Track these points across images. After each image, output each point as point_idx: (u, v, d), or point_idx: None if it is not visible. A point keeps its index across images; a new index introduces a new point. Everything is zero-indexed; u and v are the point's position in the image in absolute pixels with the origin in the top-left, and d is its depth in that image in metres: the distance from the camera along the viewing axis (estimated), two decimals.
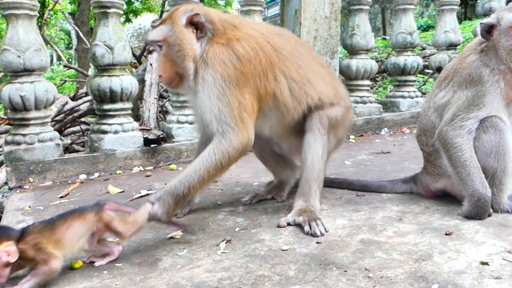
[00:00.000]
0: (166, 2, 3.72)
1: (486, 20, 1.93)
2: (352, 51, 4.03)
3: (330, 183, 2.45)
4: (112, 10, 3.00)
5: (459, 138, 1.88)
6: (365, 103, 4.02)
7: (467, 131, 1.88)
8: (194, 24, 1.81)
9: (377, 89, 8.33)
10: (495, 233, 1.69)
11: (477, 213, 1.82)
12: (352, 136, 3.82)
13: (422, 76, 8.00)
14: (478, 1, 4.88)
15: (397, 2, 4.20)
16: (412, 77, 4.26)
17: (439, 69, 4.44)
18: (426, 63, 5.35)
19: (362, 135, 3.92)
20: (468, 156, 1.86)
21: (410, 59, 4.17)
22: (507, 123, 1.90)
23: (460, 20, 9.16)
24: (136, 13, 16.03)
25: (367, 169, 2.77)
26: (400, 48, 4.22)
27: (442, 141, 1.94)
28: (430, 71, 5.45)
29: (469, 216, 1.84)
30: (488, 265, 1.45)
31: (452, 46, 4.36)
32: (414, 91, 4.28)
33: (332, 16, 3.74)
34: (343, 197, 2.23)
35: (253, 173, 2.78)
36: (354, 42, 3.99)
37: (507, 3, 4.78)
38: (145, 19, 18.11)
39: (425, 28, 15.13)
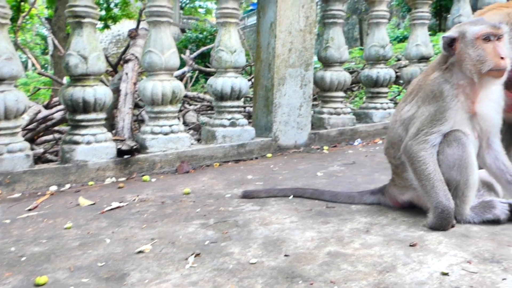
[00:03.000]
0: (143, 12, 3.72)
1: (448, 33, 2.00)
2: (327, 63, 4.10)
3: (302, 194, 2.50)
4: (86, 20, 3.00)
5: (423, 152, 1.94)
6: (339, 114, 4.09)
7: (430, 145, 1.94)
8: None
9: (353, 99, 8.45)
10: (457, 244, 1.74)
11: (441, 224, 1.88)
12: (325, 147, 3.87)
13: (397, 86, 8.17)
14: (448, 15, 5.01)
15: (370, 16, 4.29)
16: (384, 89, 4.34)
17: (410, 82, 4.54)
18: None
19: (335, 146, 3.98)
20: (432, 169, 1.92)
21: (383, 72, 4.26)
22: (470, 136, 1.96)
23: (434, 32, 9.38)
24: (115, 19, 15.97)
25: (339, 180, 2.82)
26: (373, 61, 4.31)
27: (407, 154, 2.00)
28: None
29: (433, 227, 1.89)
30: (448, 275, 1.49)
31: (423, 59, 4.47)
32: (387, 103, 4.36)
33: (307, 29, 3.80)
34: (314, 208, 2.26)
35: (226, 185, 2.80)
36: (328, 55, 4.06)
37: None
38: (124, 26, 18.02)
39: (401, 39, 15.44)
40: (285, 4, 3.70)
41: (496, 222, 1.92)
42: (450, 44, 1.97)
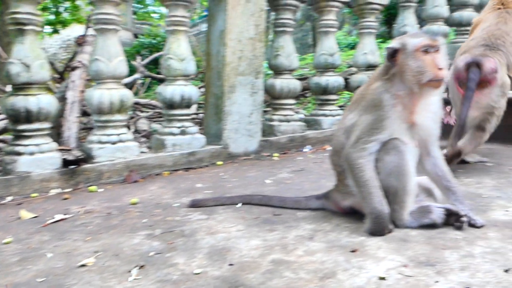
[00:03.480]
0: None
1: (391, 45, 2.08)
2: (277, 71, 4.16)
3: (250, 201, 2.52)
4: (29, 27, 2.92)
5: (361, 159, 2.01)
6: (289, 121, 4.15)
7: (368, 153, 2.02)
8: None
9: (306, 104, 8.59)
10: (395, 248, 1.81)
11: (377, 229, 1.95)
12: (276, 154, 3.92)
13: (348, 92, 8.37)
14: (394, 24, 5.21)
15: (319, 25, 4.39)
16: (333, 96, 4.45)
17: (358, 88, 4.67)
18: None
19: (286, 153, 4.04)
20: (368, 177, 1.99)
21: (332, 79, 4.36)
22: (409, 145, 2.05)
23: (385, 39, 9.69)
24: (64, 24, 15.51)
25: (287, 187, 2.86)
26: (322, 69, 4.41)
27: (347, 162, 2.06)
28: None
29: (371, 233, 1.96)
30: (385, 280, 1.55)
31: (371, 67, 4.61)
32: (336, 110, 4.47)
33: (257, 37, 3.85)
34: (261, 216, 2.29)
35: (174, 194, 2.79)
36: (278, 63, 4.12)
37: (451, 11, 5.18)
38: (74, 31, 17.54)
39: (353, 46, 15.80)
40: (235, 13, 3.73)
41: (433, 226, 2.00)
42: (393, 55, 2.05)
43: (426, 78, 1.96)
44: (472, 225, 2.00)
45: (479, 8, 5.58)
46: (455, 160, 2.93)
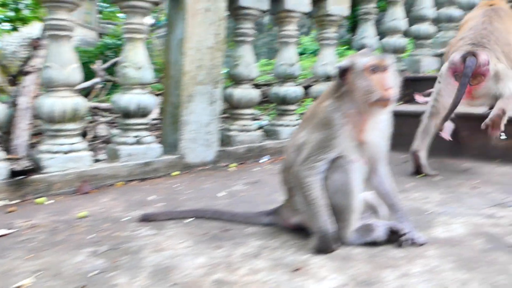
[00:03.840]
0: None
1: (341, 63, 2.11)
2: (236, 80, 4.17)
3: (203, 215, 2.52)
4: None
5: (309, 178, 2.04)
6: (247, 131, 4.16)
7: (317, 171, 2.05)
8: None
9: (269, 111, 8.64)
10: (337, 267, 1.84)
11: (322, 247, 1.98)
12: (233, 164, 3.93)
13: (311, 100, 8.47)
14: (354, 36, 5.30)
15: (279, 35, 4.43)
16: (292, 107, 4.49)
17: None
18: None
19: (243, 163, 4.05)
20: (316, 195, 2.02)
21: (291, 90, 4.41)
22: (356, 163, 2.09)
23: (350, 47, 9.86)
24: (24, 21, 15.07)
25: (241, 200, 2.87)
26: (282, 79, 4.44)
27: (296, 179, 2.09)
28: None
29: (316, 251, 1.99)
30: None
31: (330, 78, 4.68)
32: (295, 120, 4.51)
33: (216, 46, 3.85)
34: (210, 232, 2.29)
35: (126, 206, 2.75)
36: (237, 72, 4.13)
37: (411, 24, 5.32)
38: (35, 28, 17.06)
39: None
40: (194, 21, 3.72)
41: (376, 243, 2.05)
42: (343, 73, 2.08)
43: (374, 97, 1.99)
44: (414, 243, 2.06)
45: (436, 21, 5.77)
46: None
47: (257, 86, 4.90)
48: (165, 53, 3.93)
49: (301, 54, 8.51)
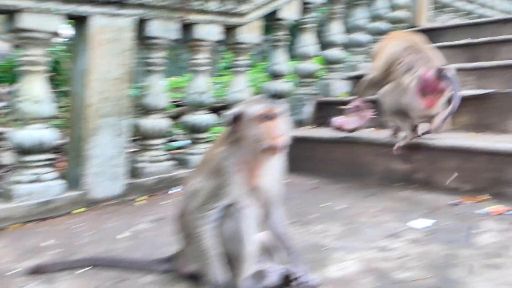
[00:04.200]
0: None
1: (233, 110, 2.12)
2: (145, 110, 4.08)
3: (100, 263, 2.42)
4: None
5: (202, 227, 2.03)
6: (158, 162, 4.08)
7: (209, 220, 2.04)
8: None
9: None
10: None
11: None
12: (141, 198, 3.84)
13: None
14: (267, 63, 5.40)
15: (191, 64, 4.40)
16: (204, 135, 4.46)
17: None
18: None
19: (153, 195, 3.96)
20: (208, 245, 2.02)
21: (202, 118, 4.38)
22: (250, 208, 2.10)
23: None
24: None
25: (143, 242, 2.80)
26: (192, 107, 4.41)
27: (189, 228, 2.07)
28: None
29: None
30: None
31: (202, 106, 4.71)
32: (207, 147, 4.47)
33: (123, 77, 3.75)
34: (104, 284, 2.20)
35: (18, 255, 2.59)
36: (146, 102, 4.05)
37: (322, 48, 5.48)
38: None
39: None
40: (98, 52, 3.61)
41: None
42: (235, 120, 2.08)
43: (264, 146, 2.02)
44: (307, 286, 2.11)
45: (347, 46, 6.02)
46: None
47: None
48: (68, 85, 3.77)
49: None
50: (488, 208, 3.09)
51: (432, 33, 6.50)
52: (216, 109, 4.87)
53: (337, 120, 4.15)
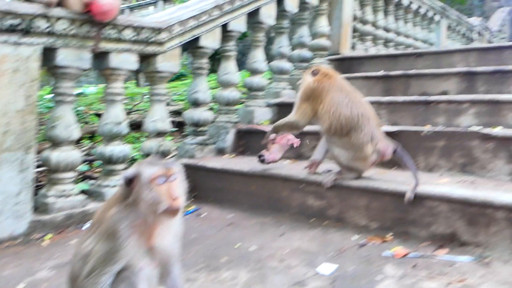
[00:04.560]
0: None
1: (128, 173, 2.04)
2: (54, 142, 3.88)
3: None
4: None
5: None
6: (67, 196, 3.89)
7: (101, 286, 1.94)
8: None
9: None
10: None
11: None
12: (49, 235, 3.63)
13: None
14: (188, 90, 5.33)
15: (106, 93, 4.25)
16: (120, 166, 4.32)
17: (148, 156, 4.65)
18: None
19: (62, 232, 3.76)
20: None
21: (117, 149, 4.24)
22: (146, 270, 2.03)
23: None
24: None
25: None
26: (108, 138, 4.25)
27: None
28: None
29: None
30: None
31: (161, 133, 4.63)
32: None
33: (27, 109, 3.55)
34: None
35: None
36: (55, 134, 3.85)
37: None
38: None
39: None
40: (0, 82, 3.39)
41: None
42: (130, 182, 2.00)
43: (161, 208, 1.96)
44: None
45: (270, 73, 6.09)
46: None
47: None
48: None
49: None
50: (393, 249, 3.20)
51: (353, 62, 6.78)
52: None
53: (267, 157, 4.13)
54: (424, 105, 4.82)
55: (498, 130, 3.85)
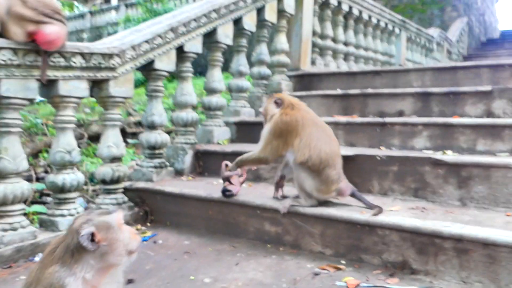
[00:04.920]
0: None
1: (85, 230, 2.02)
2: (0, 175, 3.73)
3: None
4: None
5: None
6: (16, 229, 3.75)
7: None
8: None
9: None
10: None
11: None
12: None
13: None
14: (143, 112, 5.25)
15: (55, 120, 4.13)
16: (73, 194, 4.21)
17: (103, 181, 4.55)
18: None
19: (11, 266, 3.63)
20: None
21: (69, 178, 4.13)
22: None
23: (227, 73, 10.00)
24: None
25: None
26: (59, 166, 4.14)
27: None
28: None
29: None
30: None
31: (115, 159, 4.54)
32: (75, 208, 4.22)
33: None
34: None
35: None
36: (1, 166, 3.71)
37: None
38: None
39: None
40: None
41: None
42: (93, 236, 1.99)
43: (134, 245, 2.09)
44: None
45: (229, 91, 6.07)
46: None
47: None
48: None
49: None
50: (345, 279, 3.21)
51: (313, 78, 6.84)
52: None
53: (235, 191, 4.08)
54: (380, 126, 4.89)
55: (448, 156, 3.93)
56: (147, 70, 4.85)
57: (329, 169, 3.56)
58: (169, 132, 8.69)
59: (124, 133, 10.08)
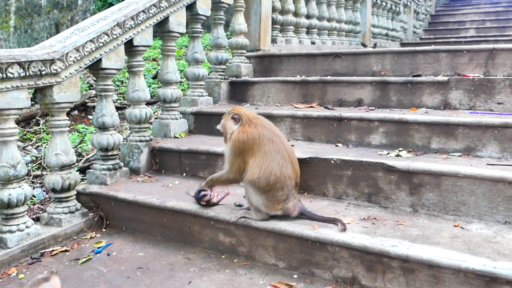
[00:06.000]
0: None
1: None
2: None
3: None
4: None
5: None
6: None
7: None
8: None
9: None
10: None
11: None
12: None
13: None
14: (93, 114, 5.04)
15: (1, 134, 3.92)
16: (21, 209, 4.06)
17: (53, 190, 4.41)
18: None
19: None
20: None
21: (16, 192, 3.97)
22: None
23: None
24: None
25: None
26: (4, 181, 3.97)
27: None
28: None
29: None
30: None
31: (65, 167, 4.39)
32: (24, 222, 4.10)
33: None
34: None
35: None
36: None
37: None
38: None
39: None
40: None
41: None
42: None
43: None
44: None
45: (186, 80, 5.87)
46: None
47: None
48: None
49: None
50: None
51: (273, 59, 6.68)
52: None
53: (209, 196, 4.03)
54: (337, 121, 4.83)
55: (401, 162, 3.90)
56: (95, 69, 4.61)
57: (275, 191, 3.52)
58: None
59: None
